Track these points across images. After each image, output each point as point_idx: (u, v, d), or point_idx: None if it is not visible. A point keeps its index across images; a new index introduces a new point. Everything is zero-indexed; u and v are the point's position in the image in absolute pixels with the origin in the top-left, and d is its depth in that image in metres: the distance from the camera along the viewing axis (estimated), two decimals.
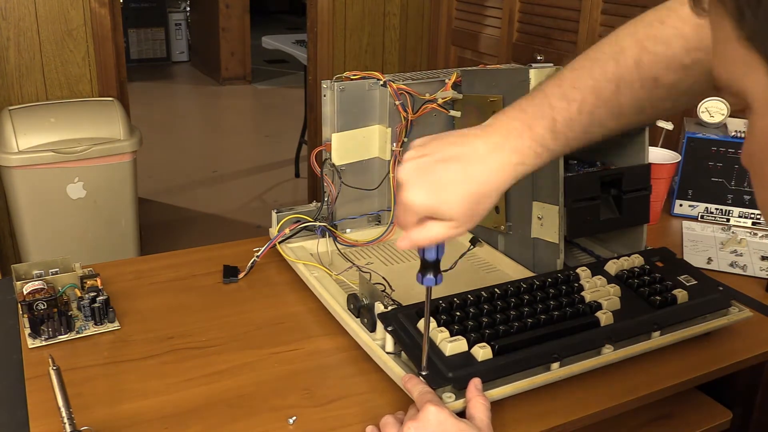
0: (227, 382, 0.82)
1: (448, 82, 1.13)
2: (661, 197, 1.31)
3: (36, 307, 0.88)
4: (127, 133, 2.33)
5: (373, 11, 3.09)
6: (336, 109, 1.09)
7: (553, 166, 0.98)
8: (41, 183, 2.23)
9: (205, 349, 0.88)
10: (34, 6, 2.35)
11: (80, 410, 0.75)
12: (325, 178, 1.12)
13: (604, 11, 2.21)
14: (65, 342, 0.88)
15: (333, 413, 0.78)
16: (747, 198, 1.32)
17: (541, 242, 1.03)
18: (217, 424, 0.75)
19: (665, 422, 0.94)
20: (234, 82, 6.40)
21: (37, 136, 2.21)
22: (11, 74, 2.38)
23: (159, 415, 0.76)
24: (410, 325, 0.82)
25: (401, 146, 1.13)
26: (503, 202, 1.08)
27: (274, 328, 0.94)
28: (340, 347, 0.90)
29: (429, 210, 0.67)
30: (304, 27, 3.42)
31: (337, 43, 3.05)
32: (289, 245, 1.10)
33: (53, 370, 0.73)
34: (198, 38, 7.03)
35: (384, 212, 1.17)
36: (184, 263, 1.10)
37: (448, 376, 0.75)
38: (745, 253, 1.20)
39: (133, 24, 6.71)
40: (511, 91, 1.03)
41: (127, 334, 0.91)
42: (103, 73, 2.50)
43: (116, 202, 2.37)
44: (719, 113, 1.35)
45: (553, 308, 0.87)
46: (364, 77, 1.10)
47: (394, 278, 1.02)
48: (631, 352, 0.86)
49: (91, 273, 0.99)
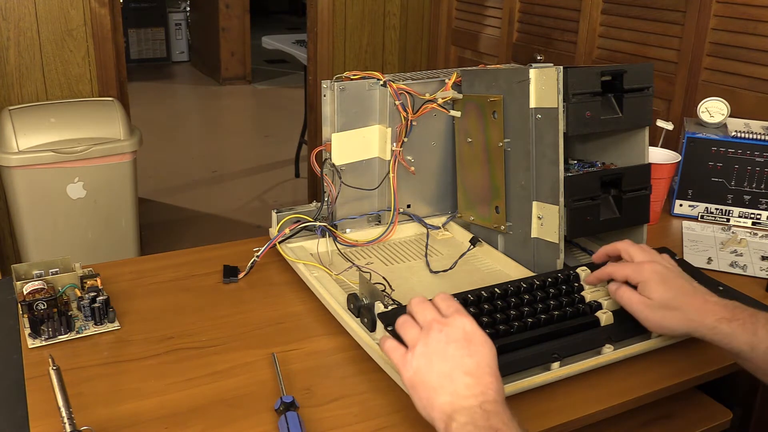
0: (227, 382, 0.82)
1: (448, 82, 1.13)
2: (661, 197, 1.31)
3: (36, 307, 0.88)
4: (127, 133, 2.33)
5: (373, 11, 3.09)
6: (336, 109, 1.09)
7: (553, 166, 0.98)
8: (41, 183, 2.23)
9: (205, 349, 0.88)
10: (34, 6, 2.35)
11: (80, 410, 0.75)
12: (325, 178, 1.12)
13: (604, 11, 2.22)
14: (65, 342, 0.88)
15: (333, 413, 0.78)
16: (747, 198, 1.32)
17: (541, 242, 1.03)
18: (217, 424, 0.75)
19: (665, 422, 0.94)
20: (234, 82, 6.40)
21: (37, 136, 2.21)
22: (11, 74, 2.38)
23: (159, 415, 0.76)
24: None
25: (401, 146, 1.13)
26: (503, 202, 1.08)
27: (274, 328, 0.94)
28: (340, 347, 0.90)
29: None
30: (304, 27, 3.42)
31: (337, 43, 3.05)
32: (289, 245, 1.10)
33: (53, 370, 0.73)
34: (198, 38, 7.03)
35: (384, 212, 1.17)
36: (184, 263, 1.10)
37: None
38: (745, 253, 1.20)
39: (133, 24, 6.71)
40: (511, 91, 1.03)
41: (127, 334, 0.91)
42: (103, 73, 2.50)
43: (116, 202, 2.37)
44: (719, 113, 1.35)
45: (553, 308, 0.87)
46: (364, 77, 1.10)
47: (394, 278, 1.02)
48: (631, 352, 0.86)
49: (91, 273, 0.98)
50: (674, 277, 0.84)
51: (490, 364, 0.69)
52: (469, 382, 0.67)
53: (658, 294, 0.82)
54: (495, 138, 1.07)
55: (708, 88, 1.89)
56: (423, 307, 0.74)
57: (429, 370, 0.68)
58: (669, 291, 0.82)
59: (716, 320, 0.79)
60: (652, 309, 0.83)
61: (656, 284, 0.83)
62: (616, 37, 2.18)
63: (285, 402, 0.76)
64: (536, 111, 0.99)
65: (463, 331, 0.70)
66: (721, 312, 0.80)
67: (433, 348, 0.69)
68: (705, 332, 0.80)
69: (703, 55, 1.92)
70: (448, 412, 0.66)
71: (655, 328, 0.84)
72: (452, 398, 0.66)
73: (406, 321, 0.74)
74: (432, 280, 1.05)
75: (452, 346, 0.69)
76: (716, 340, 0.80)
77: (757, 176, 1.30)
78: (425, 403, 0.68)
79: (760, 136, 1.29)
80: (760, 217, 1.32)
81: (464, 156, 1.15)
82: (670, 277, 0.84)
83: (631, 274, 0.86)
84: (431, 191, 1.20)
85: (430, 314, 0.73)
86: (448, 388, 0.67)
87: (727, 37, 1.87)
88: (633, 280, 0.85)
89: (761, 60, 1.79)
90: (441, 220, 1.21)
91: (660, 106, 2.05)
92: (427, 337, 0.70)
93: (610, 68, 1.02)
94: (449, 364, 0.68)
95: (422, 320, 0.73)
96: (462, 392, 0.66)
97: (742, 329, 0.78)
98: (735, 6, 1.83)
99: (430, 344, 0.69)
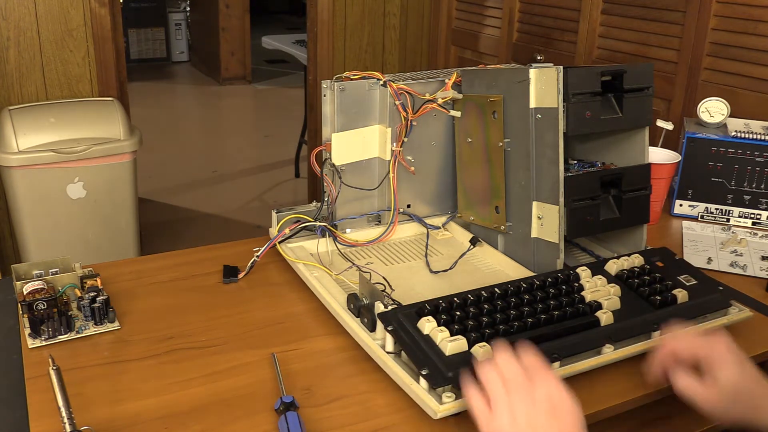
0: (227, 382, 0.82)
1: (448, 82, 1.13)
2: (661, 197, 1.31)
3: (36, 307, 0.88)
4: (127, 133, 2.33)
5: (373, 11, 3.09)
6: (336, 109, 1.09)
7: (553, 166, 0.98)
8: (41, 183, 2.23)
9: (204, 349, 0.88)
10: (34, 6, 2.35)
11: (80, 410, 0.75)
12: (325, 178, 1.12)
13: (604, 11, 2.22)
14: (65, 342, 0.88)
15: (333, 413, 0.78)
16: (747, 198, 1.32)
17: (541, 242, 1.03)
18: (217, 424, 0.75)
19: (665, 422, 0.94)
20: (234, 82, 6.40)
21: (37, 136, 2.21)
22: (11, 74, 2.38)
23: (159, 415, 0.76)
24: (410, 325, 0.82)
25: (401, 146, 1.13)
26: (503, 202, 1.08)
27: (274, 328, 0.94)
28: (340, 347, 0.90)
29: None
30: (304, 27, 3.42)
31: (337, 43, 3.05)
32: (289, 245, 1.10)
33: (53, 370, 0.73)
34: (198, 38, 7.03)
35: (384, 212, 1.17)
36: (184, 263, 1.10)
37: (448, 375, 0.75)
38: (745, 253, 1.20)
39: (133, 24, 6.71)
40: (511, 91, 1.03)
41: (127, 334, 0.91)
42: (103, 73, 2.50)
43: (116, 202, 2.37)
44: (719, 113, 1.35)
45: (553, 308, 0.87)
46: (364, 77, 1.10)
47: (394, 278, 1.02)
48: (631, 352, 0.86)
49: (91, 273, 0.99)
50: (747, 360, 0.76)
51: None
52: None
53: (731, 377, 0.74)
54: (495, 138, 1.07)
55: (708, 88, 1.89)
56: (508, 362, 0.70)
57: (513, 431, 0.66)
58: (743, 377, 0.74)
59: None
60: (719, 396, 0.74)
61: (731, 364, 0.75)
62: (616, 37, 2.18)
63: (285, 402, 0.76)
64: (536, 111, 1.00)
65: (550, 396, 0.67)
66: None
67: (518, 410, 0.66)
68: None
69: (703, 55, 1.92)
70: None
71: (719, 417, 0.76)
72: None
73: (490, 371, 0.70)
74: (432, 280, 1.05)
75: (540, 412, 0.66)
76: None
77: (757, 176, 1.30)
78: None
79: (760, 136, 1.29)
80: (760, 217, 1.32)
81: (464, 156, 1.16)
82: (745, 360, 0.76)
83: (700, 350, 0.77)
84: (431, 191, 1.20)
85: (516, 369, 0.69)
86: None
87: (727, 37, 1.87)
88: (701, 355, 0.77)
89: (761, 60, 1.79)
90: (441, 220, 1.21)
91: (660, 106, 2.05)
92: (512, 396, 0.67)
93: (610, 68, 1.02)
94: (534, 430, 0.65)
95: (507, 374, 0.69)
96: None
97: None
98: (735, 6, 1.83)
99: (515, 405, 0.67)
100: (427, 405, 0.75)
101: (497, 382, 0.69)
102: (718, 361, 0.75)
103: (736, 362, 0.75)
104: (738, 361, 0.75)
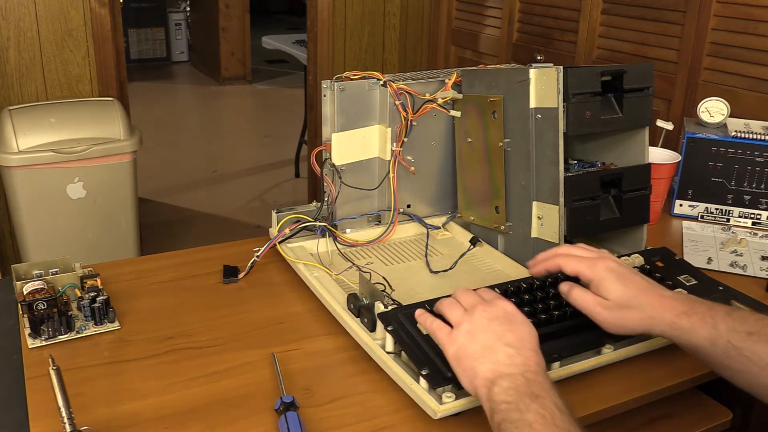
0: (227, 382, 0.82)
1: (448, 82, 1.13)
2: (661, 197, 1.31)
3: (36, 307, 0.88)
4: (127, 133, 2.33)
5: (373, 11, 3.09)
6: (336, 109, 1.09)
7: (553, 166, 0.98)
8: (41, 183, 2.23)
9: (205, 349, 0.88)
10: (34, 6, 2.35)
11: (80, 410, 0.75)
12: (325, 178, 1.12)
13: (604, 11, 2.22)
14: (65, 342, 0.88)
15: (333, 413, 0.78)
16: (747, 198, 1.32)
17: (541, 242, 1.03)
18: (217, 424, 0.75)
19: (665, 422, 0.94)
20: (234, 82, 6.40)
21: (37, 136, 2.21)
22: (11, 74, 2.38)
23: (159, 415, 0.76)
24: (410, 324, 0.82)
25: (401, 146, 1.13)
26: (503, 202, 1.08)
27: (274, 328, 0.94)
28: (340, 347, 0.90)
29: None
30: (304, 27, 3.42)
31: (337, 43, 3.05)
32: (289, 245, 1.10)
33: (53, 370, 0.73)
34: (198, 38, 7.03)
35: (384, 212, 1.17)
36: (184, 263, 1.10)
37: (448, 375, 0.75)
38: (745, 253, 1.20)
39: (133, 24, 6.71)
40: (511, 91, 1.03)
41: (127, 334, 0.91)
42: (103, 73, 2.50)
43: (116, 202, 2.37)
44: (719, 113, 1.35)
45: (553, 308, 0.87)
46: (364, 77, 1.10)
47: (394, 278, 1.02)
48: (631, 352, 0.86)
49: (91, 273, 0.99)
50: (630, 274, 0.81)
51: (531, 341, 0.73)
52: (511, 352, 0.70)
53: (616, 293, 0.79)
54: (495, 138, 1.07)
55: (708, 88, 1.89)
56: (467, 293, 0.79)
57: (473, 343, 0.72)
58: (627, 289, 0.79)
59: (675, 316, 0.77)
60: (609, 310, 0.79)
61: (612, 282, 0.80)
62: (616, 37, 2.18)
63: (285, 402, 0.76)
64: (536, 111, 0.99)
65: (505, 311, 0.75)
66: (680, 307, 0.77)
67: (476, 325, 0.73)
68: (664, 329, 0.78)
69: (703, 55, 1.92)
70: (490, 378, 0.69)
71: (614, 329, 0.80)
72: (494, 366, 0.69)
73: (451, 303, 0.78)
74: (432, 280, 1.05)
75: (495, 323, 0.73)
76: (675, 336, 0.77)
77: (757, 176, 1.30)
78: (469, 373, 0.71)
79: (760, 136, 1.29)
80: (760, 217, 1.32)
81: (464, 156, 1.16)
82: (626, 275, 0.81)
83: (584, 270, 0.82)
84: (431, 191, 1.20)
85: (474, 298, 0.77)
86: (491, 358, 0.70)
87: (727, 37, 1.87)
88: (585, 276, 0.82)
89: (761, 60, 1.79)
90: (441, 220, 1.21)
91: (660, 106, 2.05)
92: (471, 316, 0.74)
93: (610, 68, 1.02)
94: (492, 337, 0.72)
95: (466, 303, 0.77)
96: (504, 361, 0.70)
97: (701, 323, 0.75)
98: (735, 6, 1.83)
99: (474, 322, 0.74)
100: (427, 405, 0.75)
101: (458, 308, 0.77)
102: (599, 281, 0.81)
103: (617, 280, 0.80)
104: (618, 278, 0.80)
